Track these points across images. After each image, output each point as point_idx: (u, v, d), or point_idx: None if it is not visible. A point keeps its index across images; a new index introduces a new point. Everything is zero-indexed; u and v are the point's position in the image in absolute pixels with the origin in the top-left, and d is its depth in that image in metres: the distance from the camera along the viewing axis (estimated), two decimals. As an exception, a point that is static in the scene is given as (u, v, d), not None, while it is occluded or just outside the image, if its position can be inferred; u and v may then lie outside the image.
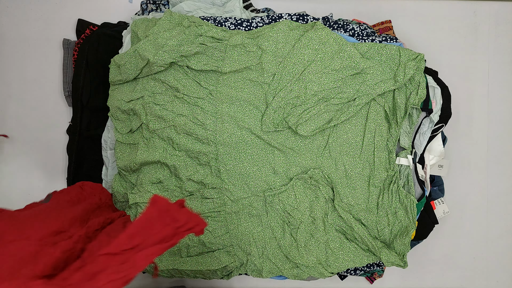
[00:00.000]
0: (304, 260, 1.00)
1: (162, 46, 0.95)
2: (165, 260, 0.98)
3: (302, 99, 0.97)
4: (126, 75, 0.99)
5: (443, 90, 1.02)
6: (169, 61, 0.96)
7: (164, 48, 0.95)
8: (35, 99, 1.14)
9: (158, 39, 0.96)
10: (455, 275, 1.20)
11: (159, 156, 0.99)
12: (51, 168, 1.13)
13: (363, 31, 1.03)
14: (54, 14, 1.16)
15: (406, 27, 1.18)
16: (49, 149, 1.13)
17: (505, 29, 1.21)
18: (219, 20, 1.01)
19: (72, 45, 1.12)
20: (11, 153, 1.13)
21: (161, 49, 0.95)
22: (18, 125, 1.14)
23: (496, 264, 1.20)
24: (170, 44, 0.95)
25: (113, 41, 1.07)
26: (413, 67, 0.95)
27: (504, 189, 1.21)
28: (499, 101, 1.21)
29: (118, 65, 0.99)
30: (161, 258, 0.98)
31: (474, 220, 1.20)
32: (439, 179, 1.12)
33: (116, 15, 1.16)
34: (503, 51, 1.21)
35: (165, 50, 0.95)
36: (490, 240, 1.20)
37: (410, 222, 0.96)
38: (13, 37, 1.15)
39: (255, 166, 1.00)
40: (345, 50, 0.96)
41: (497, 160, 1.21)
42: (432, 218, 1.04)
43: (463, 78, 1.20)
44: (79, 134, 1.09)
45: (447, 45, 1.20)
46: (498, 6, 1.21)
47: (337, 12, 1.16)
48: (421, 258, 1.18)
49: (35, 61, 1.15)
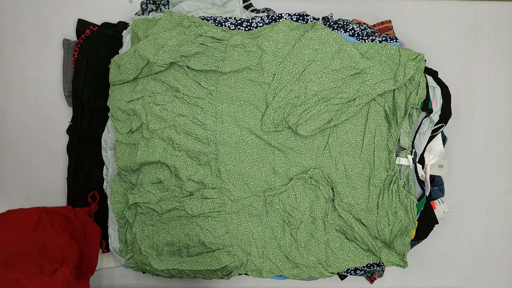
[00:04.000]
0: (304, 260, 1.00)
1: (162, 46, 0.95)
2: (165, 260, 0.98)
3: (302, 99, 0.97)
4: (126, 75, 0.99)
5: (443, 90, 1.02)
6: (169, 61, 0.96)
7: (164, 48, 0.95)
8: (35, 99, 1.14)
9: (158, 39, 0.96)
10: (455, 275, 1.20)
11: (159, 156, 0.99)
12: (51, 168, 1.13)
13: (363, 31, 1.03)
14: (54, 14, 1.16)
15: (406, 27, 1.18)
16: (49, 149, 1.13)
17: (505, 29, 1.21)
18: (219, 20, 1.01)
19: (72, 45, 1.12)
20: (11, 153, 1.13)
21: (161, 49, 0.95)
22: (18, 125, 1.14)
23: (496, 264, 1.21)
24: (170, 44, 0.95)
25: (113, 41, 1.07)
26: (413, 67, 0.95)
27: (504, 189, 1.21)
28: (499, 101, 1.21)
29: (118, 65, 0.99)
30: (161, 258, 0.98)
31: (474, 220, 1.20)
32: (439, 179, 1.12)
33: (116, 15, 1.16)
34: (503, 51, 1.21)
35: (165, 50, 0.95)
36: (490, 240, 1.20)
37: (410, 222, 0.96)
38: (13, 37, 1.15)
39: (255, 166, 1.00)
40: (345, 50, 0.96)
41: (497, 160, 1.21)
42: (432, 218, 1.04)
43: (463, 78, 1.20)
44: (79, 134, 1.09)
45: (447, 45, 1.20)
46: (498, 6, 1.21)
47: (337, 12, 1.16)
48: (421, 258, 1.18)
49: (35, 61, 1.15)
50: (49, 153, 1.13)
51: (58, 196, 1.13)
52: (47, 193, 1.13)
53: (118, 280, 1.14)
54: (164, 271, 0.99)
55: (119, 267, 1.13)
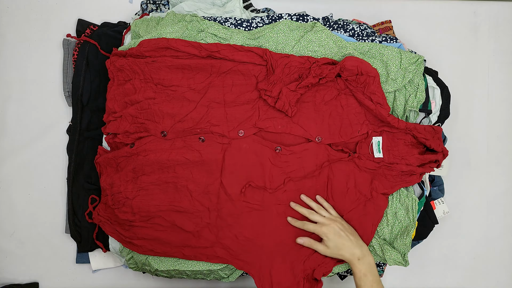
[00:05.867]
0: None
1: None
2: (165, 261, 0.98)
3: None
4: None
5: (443, 90, 1.02)
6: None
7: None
8: (35, 99, 1.14)
9: (162, 34, 0.96)
10: (455, 275, 1.20)
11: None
12: (51, 168, 1.13)
13: (363, 31, 1.03)
14: (54, 14, 1.16)
15: (406, 27, 1.18)
16: (49, 149, 1.13)
17: (505, 29, 1.21)
18: (219, 21, 1.01)
19: (72, 45, 1.12)
20: (11, 153, 1.13)
21: None
22: (18, 125, 1.14)
23: (496, 264, 1.20)
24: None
25: (113, 41, 1.07)
26: (413, 70, 0.96)
27: (504, 189, 1.21)
28: (499, 101, 1.21)
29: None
30: (161, 259, 0.97)
31: (474, 220, 1.20)
32: (439, 179, 1.12)
33: (116, 15, 1.16)
34: (503, 51, 1.21)
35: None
36: (490, 240, 1.20)
37: (411, 222, 0.96)
38: (13, 37, 1.15)
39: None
40: (344, 52, 0.97)
41: (497, 160, 1.21)
42: (432, 218, 1.04)
43: (463, 78, 1.20)
44: (80, 134, 1.09)
45: (447, 45, 1.20)
46: (498, 6, 1.21)
47: (337, 12, 1.16)
48: (421, 258, 1.18)
49: (35, 61, 1.15)
50: (49, 153, 1.13)
51: (58, 196, 1.12)
52: (47, 193, 1.13)
53: (118, 280, 1.14)
54: (164, 272, 0.99)
55: (119, 267, 1.13)
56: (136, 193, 0.95)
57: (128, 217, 0.94)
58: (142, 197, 0.95)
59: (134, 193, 0.95)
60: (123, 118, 0.97)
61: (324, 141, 0.96)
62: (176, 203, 0.94)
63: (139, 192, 0.95)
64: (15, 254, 1.12)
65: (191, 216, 0.94)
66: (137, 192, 0.95)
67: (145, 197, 0.95)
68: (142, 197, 0.95)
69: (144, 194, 0.95)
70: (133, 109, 0.96)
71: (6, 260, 1.12)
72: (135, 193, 0.95)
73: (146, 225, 0.95)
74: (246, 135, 0.95)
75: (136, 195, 0.95)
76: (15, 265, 1.12)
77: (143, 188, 0.95)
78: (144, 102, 0.95)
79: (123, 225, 0.96)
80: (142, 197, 0.95)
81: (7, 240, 1.12)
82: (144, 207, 0.94)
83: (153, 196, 0.95)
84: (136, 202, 0.94)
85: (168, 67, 0.95)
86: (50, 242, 1.13)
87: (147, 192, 0.95)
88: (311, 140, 0.96)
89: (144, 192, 0.95)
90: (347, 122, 0.96)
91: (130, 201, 0.94)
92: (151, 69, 0.95)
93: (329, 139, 0.96)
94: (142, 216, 0.94)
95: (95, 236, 1.05)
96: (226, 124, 0.95)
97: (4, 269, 1.12)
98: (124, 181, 0.96)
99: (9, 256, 1.12)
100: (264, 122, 0.95)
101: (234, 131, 0.95)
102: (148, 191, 0.95)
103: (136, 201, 0.94)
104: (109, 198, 0.97)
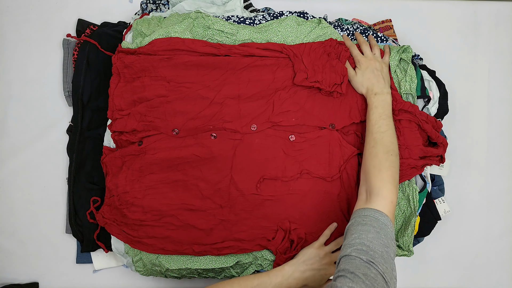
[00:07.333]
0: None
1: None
2: (177, 260, 0.96)
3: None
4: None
5: (440, 87, 1.03)
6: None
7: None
8: (35, 99, 1.14)
9: (170, 33, 0.96)
10: (455, 274, 1.20)
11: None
12: (51, 168, 1.13)
13: (356, 30, 1.06)
14: (54, 14, 1.16)
15: (406, 27, 1.18)
16: (49, 149, 1.13)
17: (505, 29, 1.21)
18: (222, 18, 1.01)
19: (72, 45, 1.12)
20: (11, 153, 1.13)
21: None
22: (18, 125, 1.14)
23: (497, 264, 1.20)
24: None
25: (113, 40, 1.07)
26: (400, 53, 1.00)
27: (504, 189, 1.21)
28: (499, 101, 1.21)
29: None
30: (172, 258, 0.97)
31: (475, 219, 1.20)
32: (439, 179, 1.12)
33: (116, 15, 1.16)
34: (503, 51, 1.21)
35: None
36: (491, 239, 1.20)
37: (412, 211, 0.97)
38: (13, 37, 1.15)
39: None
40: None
41: (497, 160, 1.21)
42: (435, 214, 1.04)
43: (463, 78, 1.20)
44: (80, 134, 1.09)
45: (447, 45, 1.20)
46: (498, 6, 1.21)
47: (337, 12, 1.16)
48: (422, 257, 1.18)
49: (35, 61, 1.15)
50: (49, 153, 1.13)
51: (58, 196, 1.12)
52: (47, 193, 1.13)
53: (118, 280, 1.14)
54: (175, 271, 0.98)
55: (119, 267, 1.13)
56: (145, 192, 0.95)
57: (139, 217, 0.94)
58: (152, 195, 0.94)
59: (143, 192, 0.95)
60: (130, 116, 0.96)
61: (336, 126, 0.96)
62: (188, 202, 0.94)
63: (148, 191, 0.95)
64: (16, 254, 1.12)
65: (203, 214, 0.94)
66: (145, 191, 0.95)
67: (156, 195, 0.95)
68: (152, 195, 0.94)
69: (154, 192, 0.95)
70: (142, 107, 0.96)
71: (6, 260, 1.12)
72: (143, 192, 0.95)
73: (157, 224, 0.94)
74: (259, 130, 0.95)
75: (146, 194, 0.95)
76: (15, 265, 1.12)
77: (152, 187, 0.95)
78: (154, 100, 0.95)
79: (132, 225, 0.95)
80: (153, 196, 0.94)
81: (7, 240, 1.12)
82: (155, 206, 0.94)
83: (164, 195, 0.95)
84: (147, 201, 0.94)
85: (184, 64, 0.95)
86: (50, 242, 1.12)
87: (157, 191, 0.95)
88: (325, 127, 0.97)
89: (153, 191, 0.95)
90: (355, 107, 0.97)
91: (140, 200, 0.94)
92: (165, 66, 0.95)
93: (341, 123, 0.97)
94: (154, 215, 0.94)
95: (95, 237, 1.05)
96: (239, 120, 0.95)
97: (4, 269, 1.12)
98: (130, 180, 0.95)
99: (9, 256, 1.12)
100: (278, 117, 0.95)
101: (247, 126, 0.95)
102: (158, 190, 0.95)
103: (147, 200, 0.94)
104: (115, 199, 0.96)
